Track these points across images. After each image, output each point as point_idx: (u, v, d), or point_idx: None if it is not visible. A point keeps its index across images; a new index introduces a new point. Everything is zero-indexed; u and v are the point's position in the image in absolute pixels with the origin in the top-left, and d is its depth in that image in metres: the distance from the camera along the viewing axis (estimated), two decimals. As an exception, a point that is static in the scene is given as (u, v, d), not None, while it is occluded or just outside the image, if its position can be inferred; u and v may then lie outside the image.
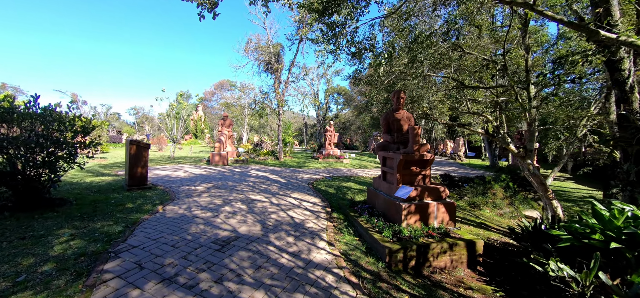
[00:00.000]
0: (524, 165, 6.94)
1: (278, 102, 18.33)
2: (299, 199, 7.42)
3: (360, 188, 9.76)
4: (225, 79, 50.41)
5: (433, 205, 5.17)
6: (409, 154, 5.21)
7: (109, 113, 63.74)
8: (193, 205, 6.30)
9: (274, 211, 6.20)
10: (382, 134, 6.47)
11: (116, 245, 4.08)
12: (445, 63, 6.28)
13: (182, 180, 9.42)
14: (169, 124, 18.22)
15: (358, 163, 19.17)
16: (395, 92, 6.16)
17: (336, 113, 55.27)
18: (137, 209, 5.85)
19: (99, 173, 10.32)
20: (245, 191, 7.97)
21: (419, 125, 6.23)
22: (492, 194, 10.14)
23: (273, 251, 4.20)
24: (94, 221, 5.01)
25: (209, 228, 4.90)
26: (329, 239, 4.85)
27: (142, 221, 5.09)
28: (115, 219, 5.15)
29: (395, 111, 6.22)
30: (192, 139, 43.07)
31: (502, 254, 5.22)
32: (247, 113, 39.71)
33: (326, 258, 4.15)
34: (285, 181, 10.21)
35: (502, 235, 6.60)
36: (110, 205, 5.97)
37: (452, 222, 5.32)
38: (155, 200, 6.67)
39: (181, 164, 14.39)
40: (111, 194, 6.97)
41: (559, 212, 6.77)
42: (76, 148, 5.94)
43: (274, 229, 5.08)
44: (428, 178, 5.63)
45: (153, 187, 8.01)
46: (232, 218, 5.55)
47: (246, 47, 19.43)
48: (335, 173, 13.50)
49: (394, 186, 5.45)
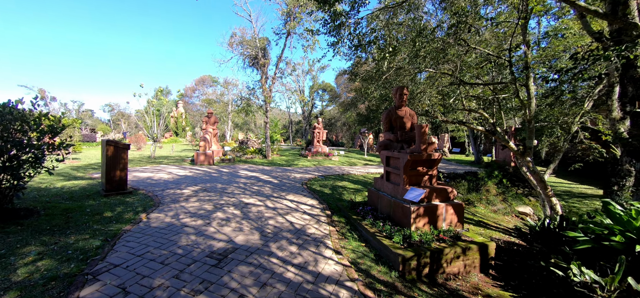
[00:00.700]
0: (523, 162, 6.87)
1: (265, 98, 17.70)
2: (296, 201, 7.01)
3: (355, 187, 9.47)
4: (207, 75, 48.68)
5: (441, 207, 4.93)
6: (417, 154, 4.93)
7: (81, 110, 59.96)
8: (181, 212, 5.74)
9: (271, 216, 5.76)
10: (383, 132, 6.17)
11: (94, 264, 3.52)
12: (448, 58, 6.05)
13: (166, 183, 8.74)
14: (148, 121, 17.13)
15: (347, 161, 18.95)
16: (398, 88, 5.86)
17: (321, 109, 54.91)
18: (117, 218, 5.23)
19: (71, 176, 9.41)
20: (236, 194, 7.45)
21: (427, 123, 5.97)
22: (486, 191, 10.17)
23: (277, 264, 3.78)
24: (66, 235, 4.37)
25: (201, 239, 4.41)
26: (334, 246, 4.49)
27: (124, 233, 4.51)
28: (91, 231, 4.54)
29: (397, 108, 5.94)
30: (173, 137, 41.35)
31: (511, 255, 5.08)
32: (230, 110, 38.54)
33: (336, 269, 3.79)
34: (278, 181, 9.75)
35: (502, 233, 6.51)
36: (86, 215, 5.31)
37: (460, 224, 5.11)
38: (138, 206, 6.04)
39: (163, 164, 13.53)
40: (86, 201, 6.26)
41: (558, 209, 6.75)
42: (43, 151, 5.22)
43: (274, 237, 4.65)
44: (434, 178, 5.40)
45: (134, 192, 7.32)
46: (227, 225, 5.07)
47: (230, 41, 18.61)
48: (327, 171, 13.16)
49: (399, 188, 5.17)
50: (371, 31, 5.02)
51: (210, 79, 47.64)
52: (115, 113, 55.78)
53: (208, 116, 16.80)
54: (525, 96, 6.72)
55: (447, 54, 5.79)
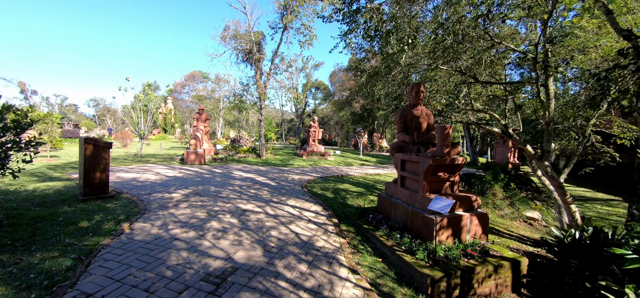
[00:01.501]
0: (541, 167, 6.47)
1: (260, 95, 16.96)
2: (298, 207, 6.40)
3: (358, 190, 8.93)
4: (197, 70, 47.27)
5: (466, 217, 4.43)
6: (439, 158, 4.41)
7: (64, 105, 57.48)
8: (170, 221, 5.06)
9: (273, 225, 5.14)
10: (397, 133, 5.63)
11: (61, 292, 2.85)
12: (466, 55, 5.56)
13: (153, 185, 7.98)
14: (135, 117, 16.14)
15: (343, 161, 18.43)
16: (414, 85, 5.33)
17: (314, 107, 54.26)
18: (95, 229, 4.52)
19: (47, 176, 8.53)
20: (232, 199, 6.78)
21: (451, 124, 5.46)
22: (492, 194, 9.80)
23: (286, 289, 3.19)
24: (31, 252, 3.65)
25: (194, 256, 3.76)
26: (349, 264, 3.92)
27: (102, 249, 3.82)
28: (62, 247, 3.82)
29: (413, 107, 5.41)
30: (161, 134, 39.95)
31: (538, 270, 4.63)
32: (221, 107, 37.47)
33: (355, 294, 3.23)
34: (276, 184, 9.11)
35: (516, 241, 6.09)
36: (58, 225, 4.56)
37: (484, 235, 4.63)
38: (120, 214, 5.32)
39: (150, 164, 12.67)
40: (60, 207, 5.49)
41: (577, 217, 6.37)
42: (6, 150, 4.46)
43: (279, 253, 4.04)
44: (456, 184, 4.90)
45: (116, 196, 6.56)
46: (223, 238, 4.42)
47: (223, 34, 17.72)
48: (324, 172, 12.59)
49: (418, 195, 4.64)
50: (391, 18, 4.46)
51: (200, 74, 46.29)
52: (101, 108, 53.70)
53: (199, 113, 15.93)
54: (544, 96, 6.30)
55: (467, 49, 5.29)
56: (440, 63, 5.34)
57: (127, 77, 14.75)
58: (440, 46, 5.03)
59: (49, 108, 51.81)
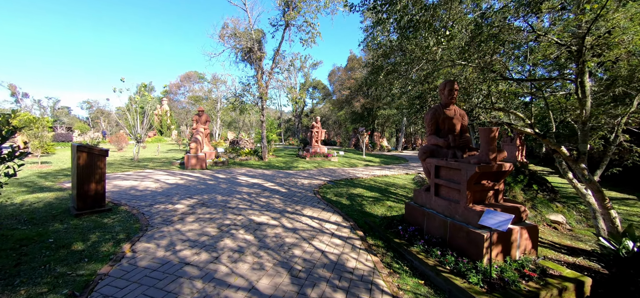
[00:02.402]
0: (578, 169, 5.99)
1: (261, 94, 16.34)
2: (316, 218, 5.84)
3: (373, 195, 8.39)
4: (193, 71, 46.33)
5: (516, 231, 3.92)
6: (486, 165, 3.89)
7: (57, 107, 56.15)
8: (177, 239, 4.46)
9: (294, 241, 4.58)
10: (427, 135, 5.10)
11: (50, 347, 2.26)
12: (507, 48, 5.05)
13: (154, 194, 7.35)
14: (131, 119, 15.42)
15: (347, 162, 17.92)
16: (446, 82, 4.80)
17: (312, 107, 53.70)
18: (91, 253, 3.91)
19: (37, 186, 7.85)
20: (243, 210, 6.19)
21: (498, 127, 4.95)
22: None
23: (327, 330, 2.63)
24: (14, 286, 3.04)
25: (211, 287, 3.18)
26: (391, 290, 3.38)
27: (100, 281, 3.22)
28: (52, 279, 3.22)
29: (445, 107, 4.88)
30: (157, 136, 39.05)
31: (595, 288, 4.13)
32: (219, 108, 36.69)
33: (410, 334, 2.68)
34: (286, 190, 8.52)
35: (548, 248, 5.60)
36: (47, 248, 3.95)
37: (534, 250, 4.12)
38: (119, 231, 4.71)
39: (149, 169, 11.99)
40: (51, 224, 4.86)
41: (617, 224, 5.90)
42: (-14, 163, 3.83)
43: (308, 278, 3.48)
44: (501, 194, 4.38)
45: (114, 208, 5.94)
46: (241, 260, 3.85)
47: (222, 32, 17.04)
48: (332, 175, 12.04)
49: (459, 207, 4.12)
50: (430, 7, 3.93)
51: (196, 75, 45.40)
52: (94, 111, 52.53)
53: (198, 115, 15.24)
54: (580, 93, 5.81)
55: (505, 41, 4.78)
56: (475, 58, 4.81)
57: (122, 78, 14.04)
58: (477, 39, 4.51)
59: (41, 111, 50.49)
